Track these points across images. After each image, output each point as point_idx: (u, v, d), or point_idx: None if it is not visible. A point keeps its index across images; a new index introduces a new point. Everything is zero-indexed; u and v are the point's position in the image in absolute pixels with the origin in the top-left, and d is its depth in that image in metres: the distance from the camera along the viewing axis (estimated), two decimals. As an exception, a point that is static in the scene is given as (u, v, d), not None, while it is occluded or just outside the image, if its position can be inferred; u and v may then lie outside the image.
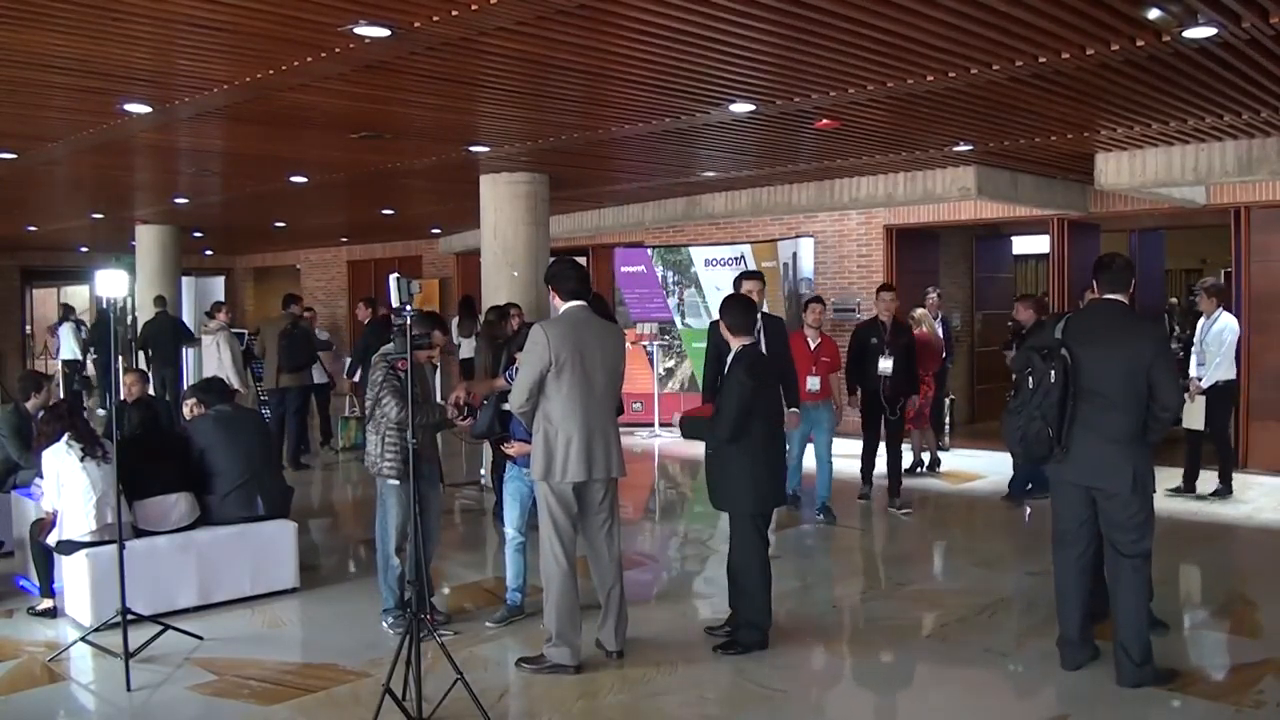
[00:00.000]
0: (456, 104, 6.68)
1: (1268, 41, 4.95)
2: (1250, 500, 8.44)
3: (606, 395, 4.78)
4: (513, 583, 5.48)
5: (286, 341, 10.17)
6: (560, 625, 4.71)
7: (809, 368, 7.66)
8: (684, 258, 12.86)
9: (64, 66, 5.48)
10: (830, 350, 7.98)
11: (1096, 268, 4.62)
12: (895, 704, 4.71)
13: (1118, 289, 4.53)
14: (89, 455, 5.43)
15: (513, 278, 9.63)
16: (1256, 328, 9.68)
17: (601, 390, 4.74)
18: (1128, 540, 4.41)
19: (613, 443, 4.79)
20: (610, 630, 4.87)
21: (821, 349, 7.87)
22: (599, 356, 4.72)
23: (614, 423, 4.85)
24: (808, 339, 7.85)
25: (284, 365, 10.17)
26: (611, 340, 4.88)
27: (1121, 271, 4.56)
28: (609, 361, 4.78)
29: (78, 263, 20.82)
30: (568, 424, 4.64)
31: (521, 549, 5.48)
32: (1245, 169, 7.83)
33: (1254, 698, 4.36)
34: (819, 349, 7.86)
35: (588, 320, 4.78)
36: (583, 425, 4.65)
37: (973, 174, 9.36)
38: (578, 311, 4.77)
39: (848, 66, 5.53)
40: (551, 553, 4.74)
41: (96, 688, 4.80)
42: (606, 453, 4.74)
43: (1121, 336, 4.41)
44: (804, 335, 7.87)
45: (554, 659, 4.71)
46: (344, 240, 19.61)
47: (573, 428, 4.64)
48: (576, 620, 4.74)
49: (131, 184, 10.97)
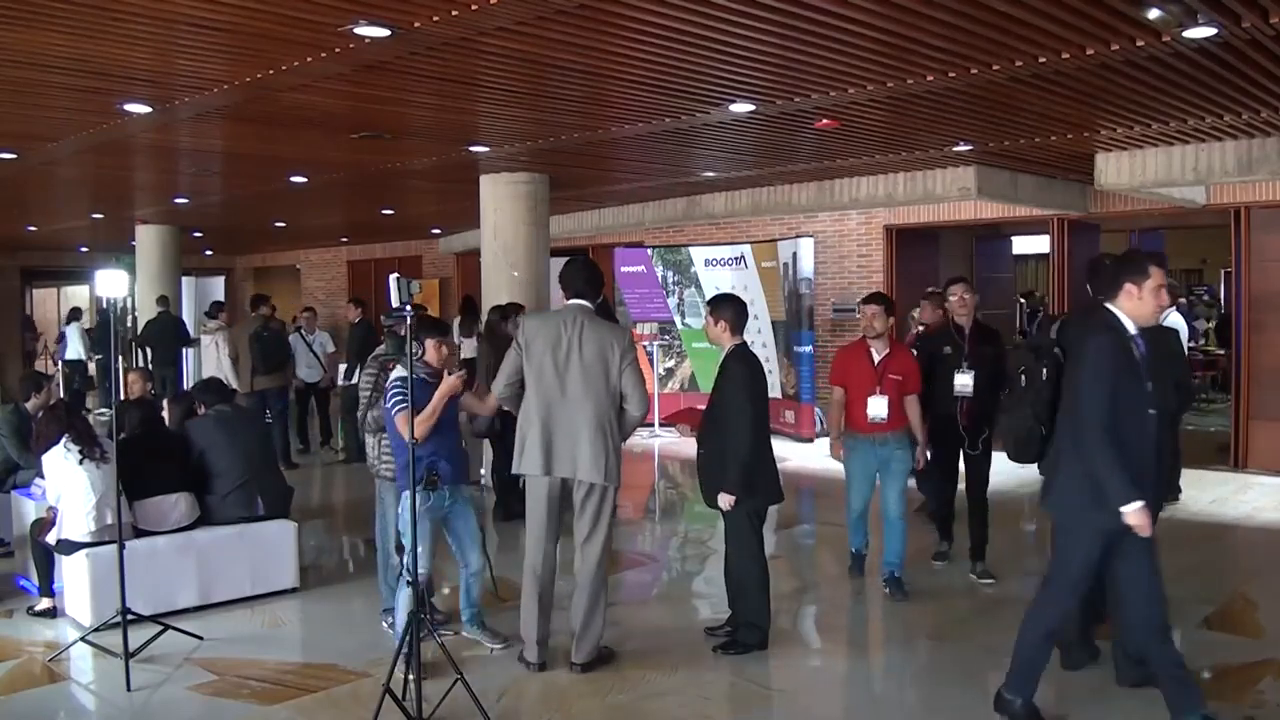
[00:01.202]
0: (456, 104, 6.68)
1: (1268, 41, 4.95)
2: (1250, 500, 8.45)
3: (586, 396, 4.60)
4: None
5: (260, 343, 10.22)
6: (522, 622, 4.77)
7: (871, 387, 5.90)
8: (684, 258, 12.86)
9: (64, 66, 5.48)
10: (903, 365, 5.98)
11: (1089, 271, 4.68)
12: (895, 704, 4.70)
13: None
14: (88, 457, 5.42)
15: (513, 278, 9.62)
16: (1256, 328, 9.68)
17: (579, 389, 4.59)
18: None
19: (585, 444, 4.59)
20: (575, 642, 4.77)
21: (889, 362, 5.93)
22: (579, 356, 4.61)
23: (598, 425, 4.61)
24: (871, 350, 5.95)
25: (259, 367, 10.20)
26: (600, 342, 4.66)
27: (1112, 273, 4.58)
28: (593, 362, 4.61)
29: (78, 263, 20.82)
30: (529, 415, 4.65)
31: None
32: (1245, 169, 7.82)
33: (1254, 698, 4.37)
34: (886, 362, 5.93)
35: (576, 318, 4.69)
36: (543, 419, 4.61)
37: (973, 174, 9.35)
38: (571, 309, 4.74)
39: (848, 66, 5.53)
40: (527, 547, 4.77)
41: (96, 688, 4.80)
42: (573, 452, 4.60)
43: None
44: (866, 346, 5.98)
45: (521, 652, 4.80)
46: (344, 240, 19.61)
47: (534, 420, 4.63)
48: (534, 619, 4.73)
49: (131, 184, 10.97)
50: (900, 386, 5.92)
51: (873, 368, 5.91)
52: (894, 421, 5.90)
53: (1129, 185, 8.58)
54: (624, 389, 4.68)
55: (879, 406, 5.86)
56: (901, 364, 5.96)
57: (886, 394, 5.87)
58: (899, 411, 5.92)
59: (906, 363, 6.01)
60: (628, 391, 4.68)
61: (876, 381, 5.89)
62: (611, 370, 4.65)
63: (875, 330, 5.92)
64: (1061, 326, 4.64)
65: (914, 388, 6.00)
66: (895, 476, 5.96)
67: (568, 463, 4.63)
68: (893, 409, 5.88)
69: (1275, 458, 9.49)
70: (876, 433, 5.90)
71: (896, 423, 5.92)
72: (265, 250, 22.41)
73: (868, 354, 5.95)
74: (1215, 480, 9.13)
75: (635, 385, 4.69)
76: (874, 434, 5.90)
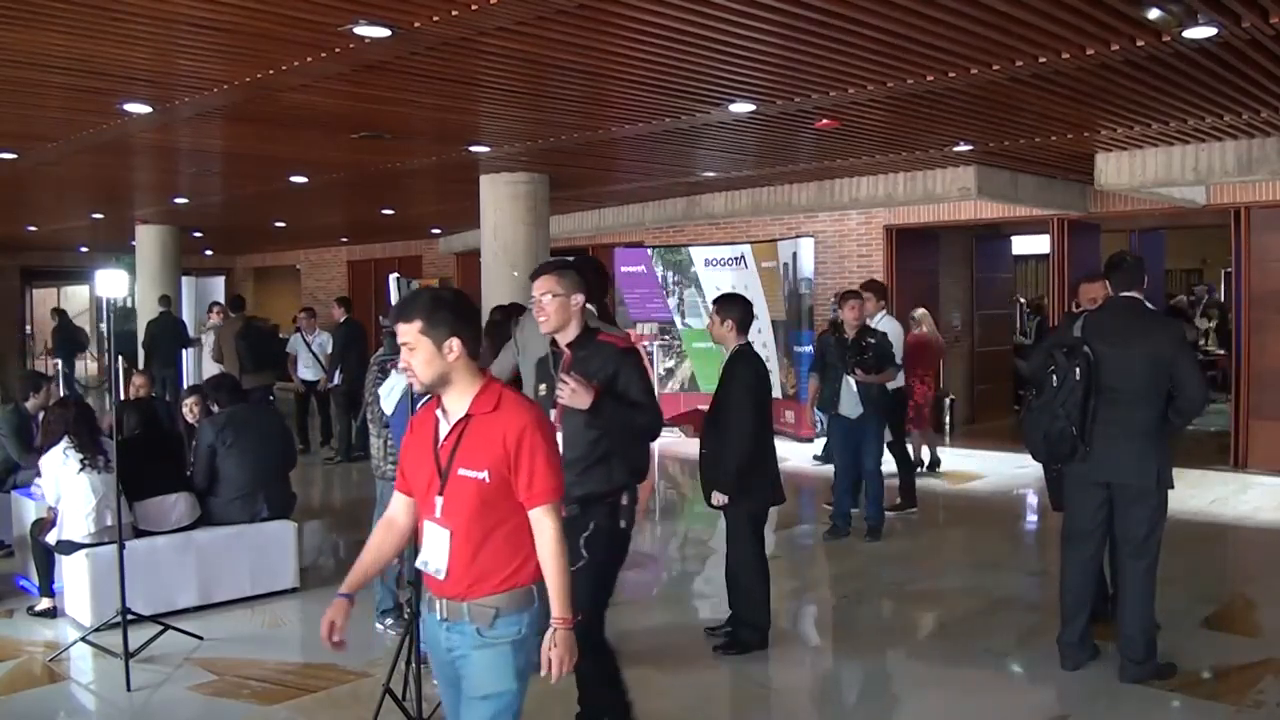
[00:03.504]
0: (456, 104, 6.68)
1: (1268, 41, 4.94)
2: (1250, 500, 8.45)
3: None
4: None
5: (246, 343, 10.29)
6: None
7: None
8: (684, 258, 12.85)
9: (64, 66, 5.47)
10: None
11: (1108, 267, 4.65)
12: (895, 704, 4.70)
13: (1131, 286, 4.55)
14: (90, 466, 5.40)
15: (513, 277, 9.62)
16: (1256, 327, 9.68)
17: None
18: (1140, 536, 4.42)
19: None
20: None
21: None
22: None
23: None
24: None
25: (246, 366, 10.29)
26: None
27: (1133, 269, 4.59)
28: None
29: (78, 263, 20.84)
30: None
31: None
32: (1245, 169, 7.82)
33: (1254, 698, 4.37)
34: None
35: None
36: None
37: (973, 174, 9.35)
38: None
39: (848, 66, 5.53)
40: None
41: (96, 688, 4.80)
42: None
43: (1142, 332, 4.42)
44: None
45: None
46: (344, 240, 19.61)
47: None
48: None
49: (131, 184, 10.97)
50: None
51: None
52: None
53: (1129, 185, 8.58)
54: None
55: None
56: None
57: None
58: None
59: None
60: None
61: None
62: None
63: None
64: (1086, 322, 4.54)
65: None
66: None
67: None
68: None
69: (1275, 458, 9.49)
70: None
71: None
72: (265, 250, 22.41)
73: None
74: (1215, 480, 9.13)
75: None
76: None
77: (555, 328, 3.71)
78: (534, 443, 2.58)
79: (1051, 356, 4.51)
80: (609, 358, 3.70)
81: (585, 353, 3.71)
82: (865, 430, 7.21)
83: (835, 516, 7.32)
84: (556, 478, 2.63)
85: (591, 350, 3.72)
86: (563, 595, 2.58)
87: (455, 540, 2.60)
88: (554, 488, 2.61)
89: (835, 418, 7.38)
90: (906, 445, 8.50)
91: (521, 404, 2.66)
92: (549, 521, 2.61)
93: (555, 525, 2.62)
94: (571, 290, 3.69)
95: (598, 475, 3.71)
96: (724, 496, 4.93)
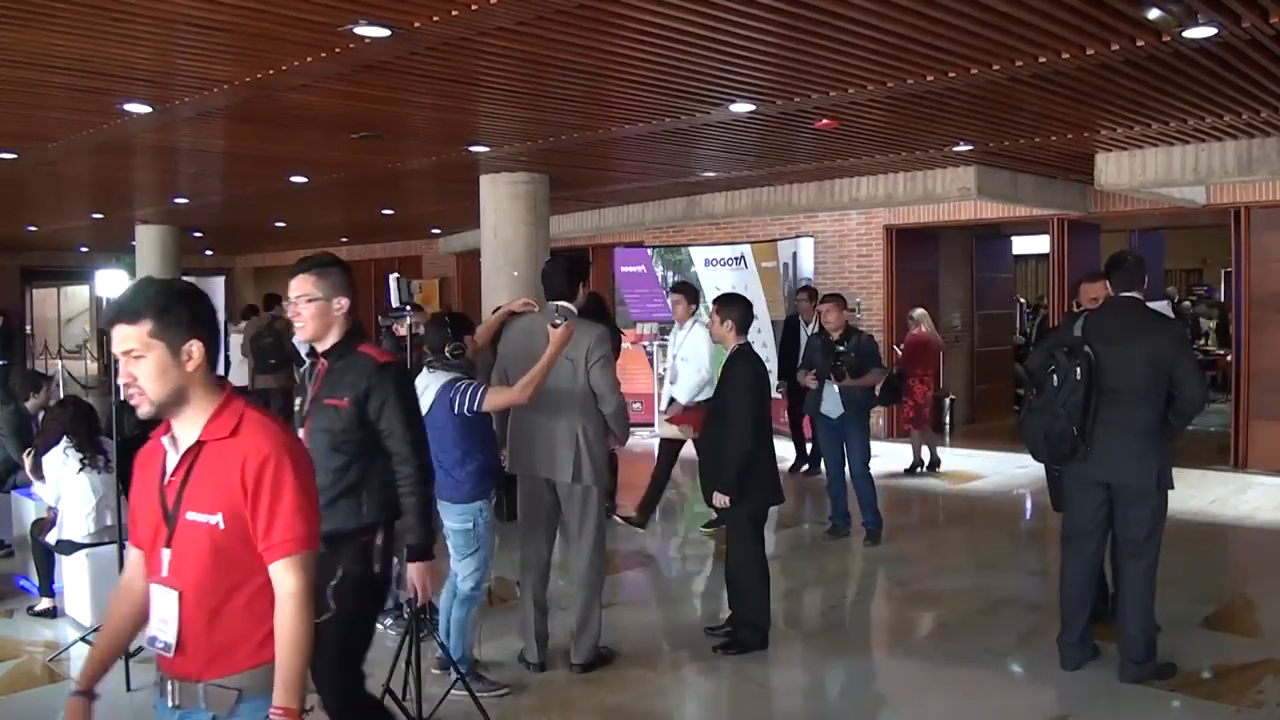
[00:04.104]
0: (456, 104, 6.68)
1: (1268, 41, 4.94)
2: (1250, 500, 8.45)
3: (558, 396, 4.46)
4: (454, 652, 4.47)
5: (257, 344, 10.66)
6: (520, 620, 4.79)
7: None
8: (684, 258, 12.85)
9: (64, 66, 5.47)
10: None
11: (1109, 267, 4.64)
12: (895, 704, 4.70)
13: (1132, 286, 4.55)
14: (90, 465, 5.40)
15: (513, 278, 9.62)
16: (1256, 327, 9.68)
17: (550, 390, 4.39)
18: (1140, 537, 4.42)
19: (560, 444, 4.51)
20: (574, 642, 4.75)
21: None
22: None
23: (569, 426, 4.50)
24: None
25: (258, 367, 10.64)
26: (578, 342, 4.45)
27: (1134, 269, 4.59)
28: (562, 362, 4.38)
29: (78, 263, 20.84)
30: (515, 415, 4.66)
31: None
32: (1245, 169, 7.82)
33: (1254, 698, 4.37)
34: None
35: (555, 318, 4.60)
36: (525, 419, 4.60)
37: (973, 174, 9.35)
38: (550, 310, 4.67)
39: (848, 66, 5.52)
40: (520, 545, 4.78)
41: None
42: (551, 453, 4.54)
43: (1143, 332, 4.42)
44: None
45: (521, 651, 4.80)
46: (344, 240, 19.59)
47: (519, 420, 4.64)
48: (530, 617, 4.73)
49: (131, 184, 10.96)
50: None
51: None
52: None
53: (1129, 185, 8.58)
54: (594, 388, 4.53)
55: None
56: None
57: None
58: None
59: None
60: (598, 391, 4.52)
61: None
62: (579, 369, 4.50)
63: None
64: (1086, 322, 4.53)
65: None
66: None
67: (545, 464, 4.61)
68: None
69: (1275, 458, 9.49)
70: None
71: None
72: (265, 250, 22.40)
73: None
74: (1215, 480, 9.13)
75: (602, 382, 4.51)
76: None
77: (312, 335, 3.29)
78: (278, 476, 2.02)
79: (1052, 356, 4.50)
80: (362, 372, 3.20)
81: (341, 364, 3.26)
82: (848, 432, 7.19)
83: (835, 516, 7.31)
84: (306, 524, 2.05)
85: (348, 362, 3.25)
86: (289, 679, 2.00)
87: (186, 604, 2.05)
88: (300, 536, 2.04)
89: (820, 418, 7.39)
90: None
91: (267, 427, 2.09)
92: (291, 579, 2.03)
93: (299, 586, 2.03)
94: (334, 293, 3.30)
95: (345, 510, 3.14)
96: (725, 498, 4.93)
